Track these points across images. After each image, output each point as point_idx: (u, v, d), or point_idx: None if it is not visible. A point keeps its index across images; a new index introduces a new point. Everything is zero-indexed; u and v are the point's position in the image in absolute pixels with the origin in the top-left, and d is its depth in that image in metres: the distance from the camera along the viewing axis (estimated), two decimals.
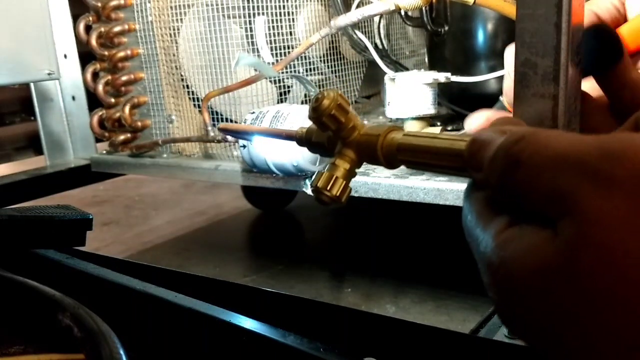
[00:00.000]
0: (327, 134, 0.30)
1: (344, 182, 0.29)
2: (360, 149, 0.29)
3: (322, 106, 0.28)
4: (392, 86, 0.68)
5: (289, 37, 0.75)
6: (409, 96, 0.67)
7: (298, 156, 0.61)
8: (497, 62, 0.73)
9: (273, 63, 0.72)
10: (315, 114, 0.28)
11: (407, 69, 0.82)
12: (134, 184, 1.61)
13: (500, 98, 0.36)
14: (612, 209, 0.16)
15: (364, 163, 0.30)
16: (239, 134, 0.50)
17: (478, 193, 0.21)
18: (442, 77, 0.67)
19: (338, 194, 0.29)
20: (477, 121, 0.27)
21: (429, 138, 0.25)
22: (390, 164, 0.27)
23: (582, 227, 0.17)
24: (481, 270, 0.19)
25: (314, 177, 0.30)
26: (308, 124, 0.33)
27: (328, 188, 0.29)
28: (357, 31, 0.77)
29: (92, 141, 1.02)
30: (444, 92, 0.75)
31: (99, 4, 0.84)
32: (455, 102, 0.77)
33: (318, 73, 0.78)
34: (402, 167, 0.25)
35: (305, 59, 0.76)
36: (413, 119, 0.67)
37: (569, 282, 0.17)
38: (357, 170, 0.31)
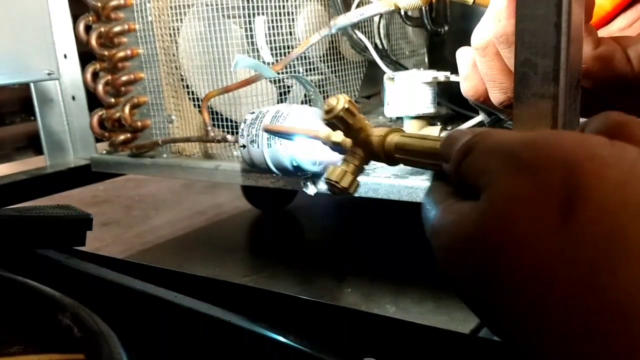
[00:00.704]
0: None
1: (353, 176, 0.35)
2: (367, 147, 0.33)
3: (332, 110, 0.33)
4: (391, 85, 0.68)
5: (288, 37, 0.75)
6: (408, 95, 0.66)
7: (299, 156, 0.61)
8: None
9: (273, 63, 0.72)
10: (327, 115, 0.33)
11: (407, 69, 0.82)
12: (134, 184, 1.61)
13: None
14: (516, 184, 0.18)
15: (372, 161, 0.35)
16: (282, 135, 0.55)
17: (439, 182, 0.25)
18: (442, 76, 0.67)
19: (347, 186, 0.34)
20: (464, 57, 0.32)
21: (420, 139, 0.29)
22: (391, 162, 0.32)
23: (491, 198, 0.19)
24: (429, 238, 0.23)
25: (328, 171, 0.35)
26: (307, 122, 0.37)
27: (339, 181, 0.34)
28: (357, 31, 0.77)
29: (92, 141, 1.02)
30: (443, 92, 0.75)
31: (99, 4, 0.84)
32: (455, 102, 0.77)
33: (318, 73, 0.78)
34: (403, 167, 0.28)
35: (305, 59, 0.76)
36: (412, 118, 0.67)
37: (479, 245, 0.19)
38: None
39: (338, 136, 0.36)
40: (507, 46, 0.31)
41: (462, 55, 0.35)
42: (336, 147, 0.37)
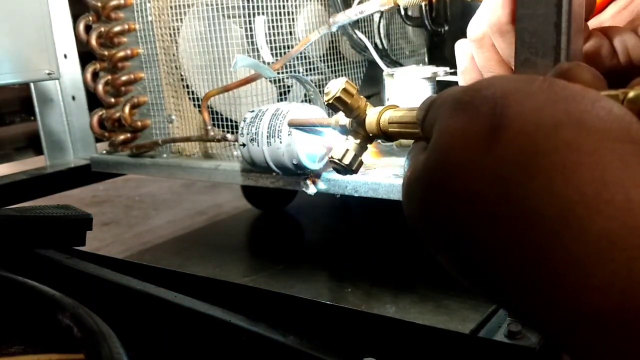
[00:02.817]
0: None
1: (355, 154, 0.36)
2: (367, 125, 0.35)
3: (331, 91, 0.35)
4: (390, 82, 0.68)
5: (288, 36, 0.75)
6: (408, 91, 0.66)
7: (299, 154, 0.61)
8: None
9: (273, 63, 0.72)
10: (327, 97, 0.35)
11: None
12: (133, 184, 1.61)
13: None
14: (454, 122, 0.20)
15: (375, 160, 0.37)
16: (307, 128, 0.56)
17: (416, 143, 0.27)
18: (441, 71, 0.67)
19: (349, 163, 0.36)
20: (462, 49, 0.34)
21: (410, 110, 0.31)
22: (387, 136, 0.34)
23: (435, 138, 0.21)
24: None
25: (332, 150, 0.37)
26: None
27: (341, 158, 0.36)
28: (356, 31, 0.77)
29: (92, 141, 1.02)
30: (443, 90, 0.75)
31: (99, 4, 0.84)
32: None
33: (318, 73, 0.78)
34: (403, 167, 0.29)
35: (305, 58, 0.76)
36: None
37: (424, 181, 0.21)
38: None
39: (343, 119, 0.38)
40: (500, 36, 0.31)
41: (460, 48, 0.36)
42: (343, 129, 0.38)
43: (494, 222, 0.18)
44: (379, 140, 0.58)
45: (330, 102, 0.35)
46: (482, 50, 0.33)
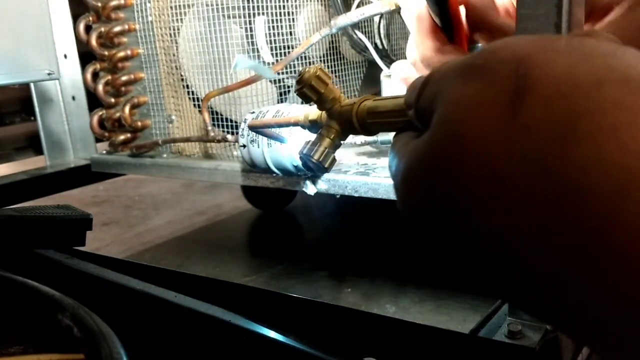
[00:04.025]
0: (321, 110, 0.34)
1: (327, 149, 0.33)
2: (341, 119, 0.32)
3: (303, 78, 0.32)
4: (388, 82, 0.68)
5: (289, 37, 0.75)
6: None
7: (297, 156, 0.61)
8: None
9: (273, 63, 0.72)
10: (298, 85, 0.32)
11: None
12: (133, 184, 1.61)
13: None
14: (465, 91, 0.17)
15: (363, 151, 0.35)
16: (264, 130, 0.51)
17: (401, 133, 0.24)
18: None
19: (321, 160, 0.33)
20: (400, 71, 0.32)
21: (390, 98, 0.28)
22: (365, 129, 0.30)
23: (441, 113, 0.18)
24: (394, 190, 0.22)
25: (303, 145, 0.33)
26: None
27: (312, 154, 0.33)
28: (357, 31, 0.77)
29: (92, 141, 1.02)
30: None
31: (99, 4, 0.84)
32: None
33: None
34: (388, 166, 0.27)
35: (305, 59, 0.76)
36: None
37: (430, 164, 0.18)
38: (357, 170, 0.34)
39: (314, 113, 0.34)
40: (428, 67, 0.31)
41: (400, 69, 0.36)
42: (314, 126, 0.35)
43: (529, 204, 0.15)
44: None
45: (301, 90, 0.32)
46: (419, 73, 0.32)
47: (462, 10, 0.32)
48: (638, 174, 0.14)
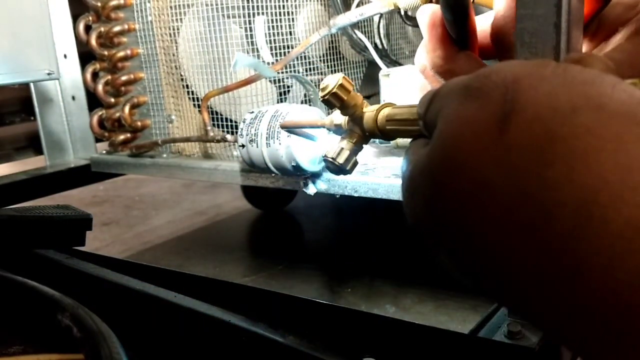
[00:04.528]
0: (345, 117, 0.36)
1: (350, 153, 0.35)
2: (363, 124, 0.34)
3: (328, 86, 0.34)
4: (386, 82, 0.68)
5: (288, 37, 0.75)
6: (405, 91, 0.66)
7: (298, 156, 0.61)
8: (495, 61, 0.72)
9: (273, 63, 0.72)
10: (322, 92, 0.34)
11: None
12: (133, 184, 1.61)
13: None
14: (462, 110, 0.19)
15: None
16: (295, 130, 0.53)
17: (415, 140, 0.26)
18: None
19: (343, 162, 0.35)
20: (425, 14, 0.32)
21: (408, 107, 0.30)
22: (385, 135, 0.32)
23: (440, 128, 0.20)
24: None
25: (327, 148, 0.36)
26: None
27: (335, 157, 0.35)
28: (356, 31, 0.77)
29: (92, 141, 1.02)
30: None
31: (99, 4, 0.84)
32: None
33: (318, 73, 0.78)
34: (401, 168, 0.28)
35: (305, 58, 0.76)
36: None
37: (429, 175, 0.20)
38: (356, 170, 0.37)
39: (338, 118, 0.37)
40: (438, 76, 0.31)
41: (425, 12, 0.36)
42: (338, 129, 0.37)
43: (508, 217, 0.17)
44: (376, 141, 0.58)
45: (326, 97, 0.34)
46: (427, 79, 0.33)
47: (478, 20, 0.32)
48: (602, 193, 0.15)
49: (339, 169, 0.36)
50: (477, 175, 0.18)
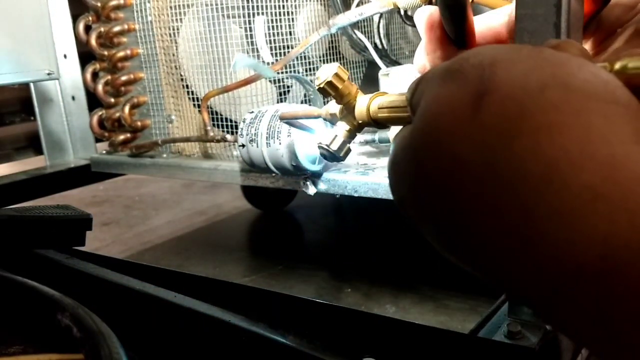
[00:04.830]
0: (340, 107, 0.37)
1: (344, 140, 0.35)
2: (357, 112, 0.34)
3: (322, 75, 0.35)
4: (386, 81, 0.68)
5: (288, 37, 0.75)
6: (404, 89, 0.66)
7: (298, 156, 0.61)
8: None
9: (272, 63, 0.72)
10: (318, 81, 0.35)
11: None
12: (133, 184, 1.61)
13: None
14: (441, 90, 0.20)
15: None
16: (293, 122, 0.53)
17: (405, 127, 0.26)
18: None
19: (336, 149, 0.35)
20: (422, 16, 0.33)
21: (399, 95, 0.31)
22: (377, 123, 0.33)
23: (422, 107, 0.21)
24: None
25: (321, 136, 0.36)
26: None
27: (329, 144, 0.35)
28: (356, 31, 0.77)
29: (91, 141, 1.02)
30: None
31: (99, 4, 0.84)
32: None
33: None
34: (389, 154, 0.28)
35: (305, 58, 0.76)
36: None
37: (410, 153, 0.21)
38: (357, 170, 0.36)
39: (333, 107, 0.37)
40: None
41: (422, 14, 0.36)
42: (333, 118, 0.37)
43: (479, 188, 0.18)
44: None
45: (321, 86, 0.35)
46: None
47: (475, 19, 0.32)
48: (562, 161, 0.16)
49: (333, 156, 0.36)
50: (453, 151, 0.19)
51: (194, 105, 0.80)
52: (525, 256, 0.17)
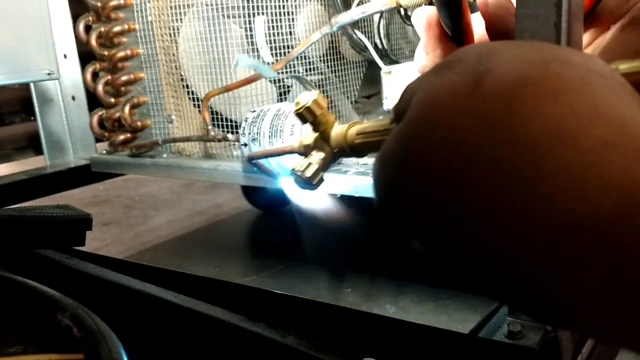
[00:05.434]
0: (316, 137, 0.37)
1: (318, 167, 0.35)
2: (333, 140, 0.35)
3: (301, 101, 0.35)
4: (388, 79, 0.68)
5: (288, 37, 0.75)
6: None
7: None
8: None
9: (273, 63, 0.72)
10: (297, 107, 0.35)
11: None
12: (133, 184, 1.61)
13: None
14: (437, 79, 0.20)
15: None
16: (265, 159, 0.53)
17: None
18: None
19: (309, 176, 0.35)
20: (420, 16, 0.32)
21: (378, 121, 0.31)
22: (354, 150, 0.33)
23: (417, 95, 0.20)
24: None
25: (295, 161, 0.36)
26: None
27: (302, 170, 0.35)
28: (356, 31, 0.77)
29: (92, 141, 1.02)
30: None
31: (99, 4, 0.84)
32: None
33: (318, 73, 0.78)
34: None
35: (305, 58, 0.76)
36: None
37: (409, 138, 0.20)
38: (357, 170, 0.36)
39: (308, 138, 0.37)
40: None
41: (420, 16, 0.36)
42: (307, 150, 0.37)
43: (480, 157, 0.17)
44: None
45: (299, 112, 0.35)
46: None
47: (474, 18, 0.32)
48: (571, 119, 0.16)
49: (305, 183, 0.36)
50: (454, 127, 0.18)
51: (194, 105, 0.80)
52: (533, 221, 0.16)
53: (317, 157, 0.35)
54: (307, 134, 0.37)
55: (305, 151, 0.37)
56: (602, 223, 0.15)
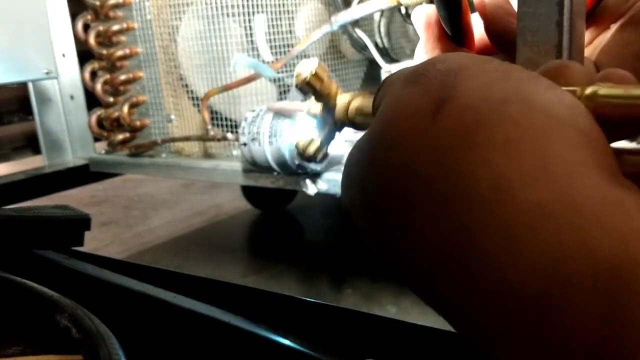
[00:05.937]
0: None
1: (321, 143, 0.34)
2: (337, 112, 0.33)
3: (301, 74, 0.32)
4: None
5: (288, 35, 0.75)
6: None
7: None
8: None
9: (272, 62, 0.72)
10: (297, 80, 0.33)
11: None
12: (132, 184, 1.61)
13: None
14: (402, 94, 0.20)
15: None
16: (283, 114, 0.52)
17: None
18: None
19: (313, 153, 0.34)
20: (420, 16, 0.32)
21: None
22: (354, 125, 0.32)
23: (381, 109, 0.20)
24: None
25: (299, 137, 0.35)
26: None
27: (306, 146, 0.34)
28: (357, 29, 0.77)
29: (90, 141, 1.02)
30: None
31: (98, 3, 0.83)
32: None
33: None
34: None
35: (306, 57, 0.76)
36: None
37: (364, 156, 0.20)
38: None
39: (316, 107, 0.37)
40: None
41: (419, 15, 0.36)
42: (314, 116, 0.38)
43: (426, 196, 0.17)
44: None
45: (300, 85, 0.35)
46: None
47: (474, 18, 0.32)
48: (515, 174, 0.16)
49: (309, 159, 0.37)
50: (406, 157, 0.18)
51: (194, 104, 0.80)
52: (466, 272, 0.16)
53: (319, 130, 0.35)
54: (314, 103, 0.37)
55: (312, 117, 0.38)
56: (529, 295, 0.15)
